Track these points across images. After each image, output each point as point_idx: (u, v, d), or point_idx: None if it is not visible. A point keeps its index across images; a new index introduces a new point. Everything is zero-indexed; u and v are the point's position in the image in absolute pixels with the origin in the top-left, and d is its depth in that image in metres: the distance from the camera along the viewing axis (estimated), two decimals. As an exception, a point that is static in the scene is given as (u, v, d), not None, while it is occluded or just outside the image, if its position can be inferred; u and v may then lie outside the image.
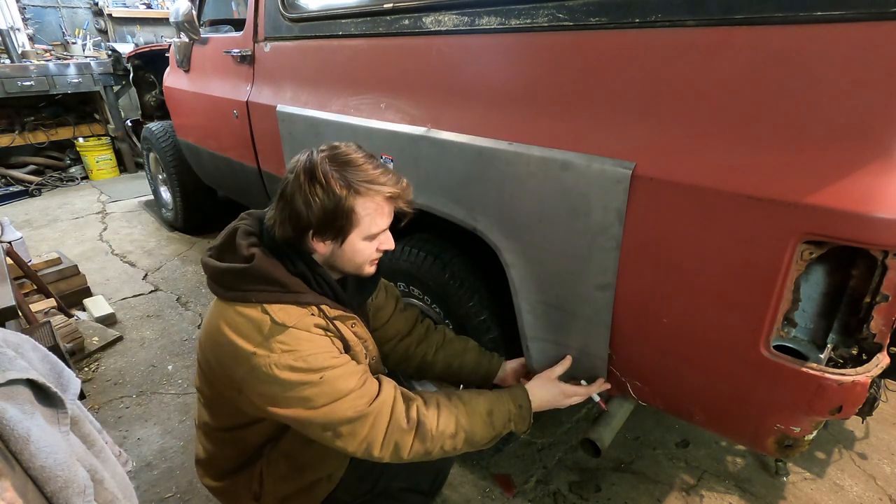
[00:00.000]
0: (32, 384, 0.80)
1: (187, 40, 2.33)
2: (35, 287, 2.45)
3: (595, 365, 1.09)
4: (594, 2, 0.88)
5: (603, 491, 1.55)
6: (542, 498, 1.53)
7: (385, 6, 1.28)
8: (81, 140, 4.99)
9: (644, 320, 0.95)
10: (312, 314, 0.93)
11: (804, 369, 0.77)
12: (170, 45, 2.76)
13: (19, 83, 4.32)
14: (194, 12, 2.11)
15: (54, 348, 1.70)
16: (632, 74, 0.86)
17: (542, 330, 1.14)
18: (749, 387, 0.86)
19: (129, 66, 3.95)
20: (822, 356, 0.81)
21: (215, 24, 3.11)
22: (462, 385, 1.27)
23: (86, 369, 2.19)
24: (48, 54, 4.98)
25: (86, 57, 4.99)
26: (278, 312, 0.89)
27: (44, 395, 0.82)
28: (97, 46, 5.34)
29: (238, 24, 2.94)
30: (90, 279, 2.85)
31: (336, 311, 0.98)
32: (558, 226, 0.98)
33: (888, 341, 0.78)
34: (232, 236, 0.96)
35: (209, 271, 0.95)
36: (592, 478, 1.59)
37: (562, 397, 1.10)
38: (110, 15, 5.58)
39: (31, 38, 5.11)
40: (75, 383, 0.93)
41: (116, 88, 4.96)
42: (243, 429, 1.02)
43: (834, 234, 0.68)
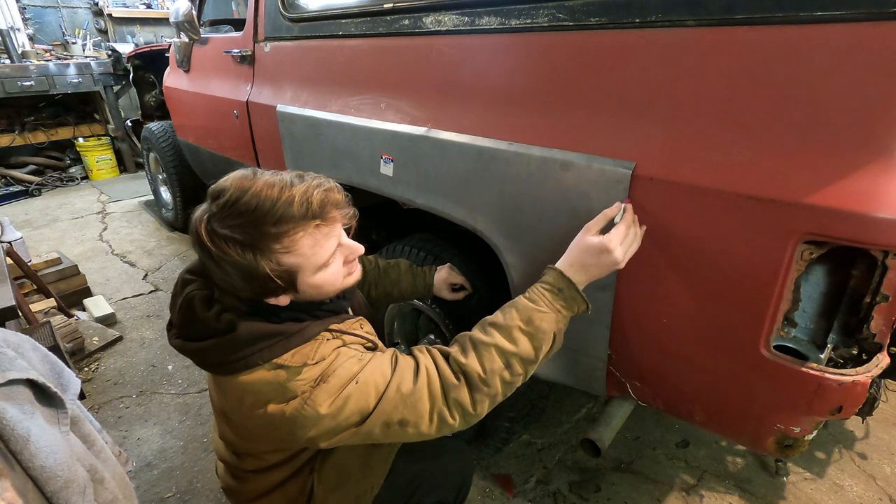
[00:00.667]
0: (32, 384, 0.80)
1: (187, 40, 2.33)
2: (35, 287, 2.45)
3: (594, 365, 1.09)
4: (594, 2, 0.88)
5: (603, 491, 1.55)
6: (542, 498, 1.53)
7: (385, 6, 1.28)
8: (81, 140, 4.99)
9: (644, 320, 0.95)
10: (327, 340, 0.86)
11: (804, 369, 0.77)
12: (170, 45, 2.76)
13: (19, 83, 4.32)
14: (194, 12, 2.11)
15: (54, 348, 1.70)
16: (632, 74, 0.86)
17: (542, 330, 1.14)
18: (749, 387, 0.86)
19: (129, 66, 3.95)
20: (822, 356, 0.81)
21: (215, 24, 3.10)
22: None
23: (86, 369, 2.19)
24: (48, 54, 4.98)
25: (86, 57, 4.99)
26: (293, 359, 0.80)
27: (44, 395, 0.82)
28: (97, 46, 5.34)
29: (238, 24, 2.94)
30: (90, 279, 2.85)
31: (345, 323, 0.92)
32: (558, 226, 0.98)
33: (888, 341, 0.78)
34: (191, 311, 0.83)
35: (191, 356, 0.84)
36: (592, 478, 1.59)
37: (603, 250, 0.83)
38: (110, 15, 5.58)
39: (31, 38, 5.12)
40: (75, 383, 0.93)
41: (116, 88, 4.96)
42: (290, 459, 0.96)
43: (834, 235, 0.68)
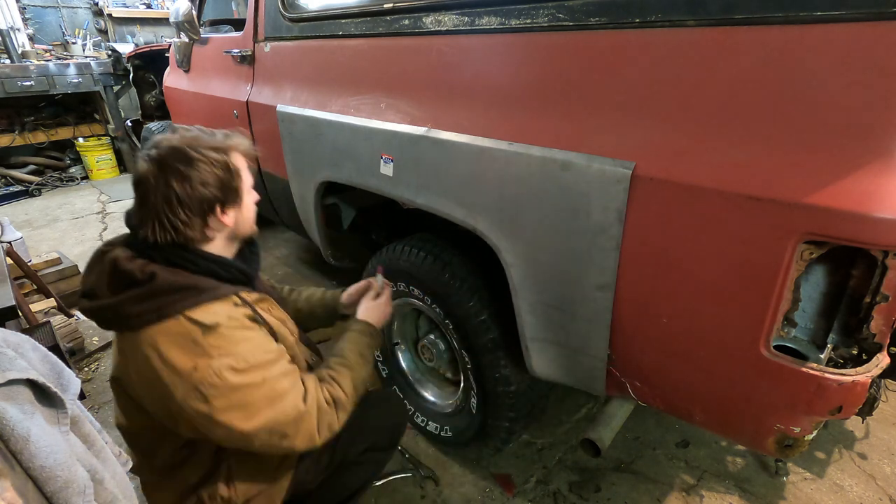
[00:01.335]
0: (32, 384, 0.80)
1: (187, 40, 2.33)
2: (35, 287, 2.45)
3: (594, 365, 1.09)
4: (594, 2, 0.88)
5: (603, 491, 1.55)
6: (542, 498, 1.53)
7: (385, 6, 1.28)
8: (81, 140, 4.99)
9: (644, 320, 0.95)
10: (236, 304, 0.94)
11: (804, 369, 0.77)
12: (170, 45, 2.76)
13: (19, 83, 4.32)
14: (194, 12, 2.11)
15: (54, 348, 1.70)
16: (632, 74, 0.86)
17: (542, 330, 1.14)
18: (749, 387, 0.86)
19: (129, 66, 3.95)
20: (822, 356, 0.81)
21: (215, 24, 3.10)
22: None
23: (86, 369, 2.19)
24: (48, 54, 4.98)
25: (86, 57, 4.99)
26: (203, 315, 0.87)
27: (44, 395, 0.82)
28: (97, 46, 5.34)
29: (238, 24, 2.94)
30: (90, 279, 2.85)
31: (254, 296, 1.00)
32: (558, 226, 0.98)
33: (888, 341, 0.78)
34: (114, 268, 0.88)
35: (104, 313, 0.88)
36: (592, 478, 1.59)
37: (384, 307, 1.25)
38: (110, 15, 5.58)
39: (31, 38, 5.11)
40: (75, 383, 0.92)
41: (116, 88, 4.96)
42: (197, 447, 0.99)
43: (834, 235, 0.68)
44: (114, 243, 0.95)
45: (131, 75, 3.98)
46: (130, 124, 4.24)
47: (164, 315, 0.85)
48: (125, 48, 4.41)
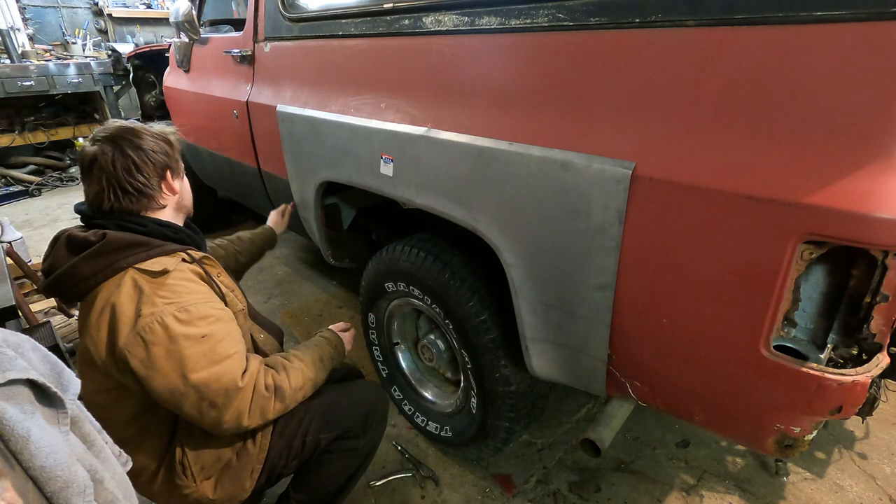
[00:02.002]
0: (32, 384, 0.80)
1: (187, 40, 2.33)
2: (35, 287, 2.45)
3: (594, 365, 1.09)
4: (594, 2, 0.88)
5: (603, 491, 1.55)
6: (542, 498, 1.53)
7: (385, 6, 1.28)
8: (81, 140, 4.99)
9: (644, 320, 0.95)
10: (185, 260, 1.00)
11: (804, 369, 0.77)
12: (170, 45, 2.76)
13: (19, 83, 4.32)
14: (194, 12, 2.11)
15: (54, 348, 1.70)
16: (632, 74, 0.86)
17: (542, 330, 1.14)
18: (749, 387, 0.86)
19: (129, 66, 3.95)
20: (822, 356, 0.81)
21: (215, 24, 3.10)
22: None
23: (86, 369, 2.19)
24: (48, 54, 4.98)
25: (86, 57, 4.99)
26: (153, 265, 0.93)
27: (44, 395, 0.82)
28: (97, 46, 5.34)
29: (238, 24, 2.94)
30: (90, 279, 2.85)
31: (201, 254, 1.07)
32: (558, 226, 0.98)
33: (888, 341, 0.78)
34: (69, 244, 0.96)
35: (62, 280, 0.92)
36: (592, 478, 1.59)
37: (350, 340, 1.33)
38: (110, 15, 5.58)
39: (31, 38, 5.12)
40: (75, 383, 0.92)
41: (116, 88, 4.97)
42: (147, 419, 1.03)
43: (834, 235, 0.68)
44: (66, 229, 1.02)
45: (131, 75, 3.98)
46: (130, 124, 4.23)
47: (116, 269, 0.91)
48: (125, 48, 4.42)
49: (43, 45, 5.14)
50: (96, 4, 5.56)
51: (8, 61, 4.46)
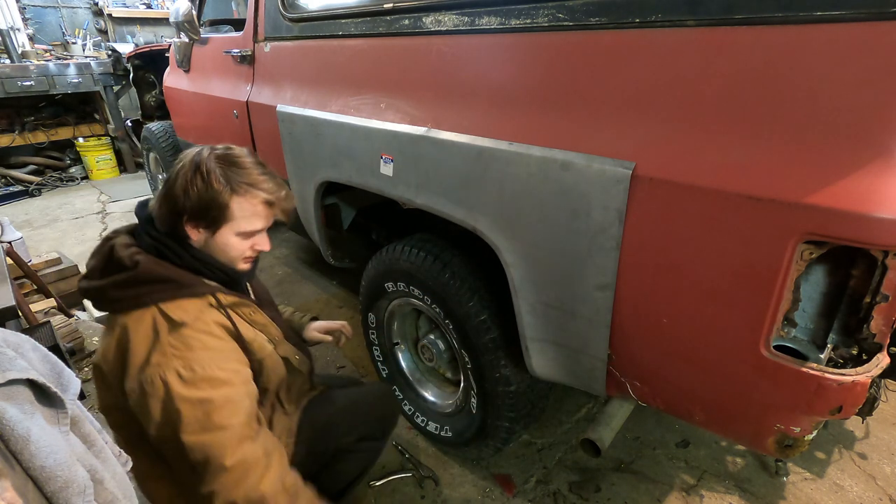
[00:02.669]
0: (32, 384, 0.80)
1: (187, 40, 2.33)
2: (35, 287, 2.45)
3: (594, 365, 1.09)
4: (594, 2, 0.88)
5: (603, 491, 1.55)
6: (542, 498, 1.53)
7: (385, 6, 1.28)
8: (81, 140, 4.99)
9: (644, 320, 0.95)
10: (211, 304, 0.96)
11: (804, 369, 0.77)
12: (170, 45, 2.76)
13: (19, 83, 4.32)
14: (194, 12, 2.11)
15: (54, 348, 1.70)
16: (632, 74, 0.86)
17: (542, 330, 1.14)
18: (749, 387, 0.86)
19: (129, 66, 3.95)
20: (822, 356, 0.81)
21: (215, 24, 3.10)
22: None
23: (86, 369, 2.19)
24: (48, 54, 4.98)
25: (86, 57, 4.99)
26: (175, 310, 0.90)
27: (44, 395, 0.82)
28: (97, 46, 5.34)
29: (238, 24, 2.94)
30: (90, 279, 2.85)
31: (231, 298, 1.00)
32: (558, 226, 0.98)
33: (888, 341, 0.78)
34: (110, 254, 0.93)
35: (92, 294, 0.92)
36: (592, 478, 1.59)
37: None
38: (110, 15, 5.58)
39: (31, 38, 5.12)
40: (75, 383, 0.92)
41: (116, 88, 4.97)
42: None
43: (834, 235, 0.68)
44: (119, 231, 1.01)
45: (131, 75, 3.98)
46: (130, 124, 4.23)
47: (140, 304, 0.90)
48: (125, 48, 4.41)
49: (43, 45, 5.14)
50: (96, 4, 5.56)
51: (8, 61, 4.46)
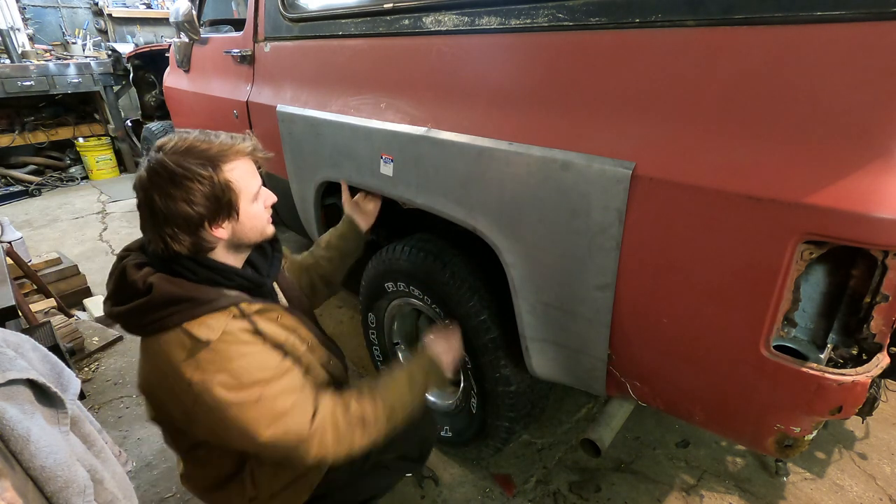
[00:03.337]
0: (32, 384, 0.80)
1: (187, 40, 2.33)
2: (35, 287, 2.45)
3: (594, 365, 1.09)
4: (594, 2, 0.88)
5: (603, 491, 1.55)
6: (542, 498, 1.53)
7: (385, 6, 1.28)
8: (81, 140, 4.99)
9: (644, 320, 0.95)
10: (235, 316, 0.91)
11: (804, 369, 0.77)
12: (170, 45, 2.76)
13: (19, 83, 4.32)
14: (194, 12, 2.11)
15: (54, 348, 1.70)
16: (632, 74, 0.86)
17: (542, 330, 1.14)
18: (749, 387, 0.86)
19: (129, 66, 3.95)
20: (822, 356, 0.81)
21: (215, 24, 3.11)
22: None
23: (86, 369, 2.19)
24: (48, 54, 4.98)
25: (86, 57, 4.99)
26: (198, 329, 0.86)
27: (44, 395, 0.82)
28: (97, 46, 5.34)
29: (238, 24, 2.94)
30: (90, 279, 2.85)
31: (255, 306, 0.95)
32: (558, 226, 0.98)
33: (888, 341, 0.78)
34: (123, 278, 0.90)
35: (117, 320, 0.90)
36: (592, 478, 1.59)
37: (457, 349, 1.23)
38: (110, 15, 5.58)
39: (31, 38, 5.12)
40: (75, 383, 0.93)
41: (116, 88, 4.97)
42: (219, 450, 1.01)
43: (834, 235, 0.68)
44: (131, 248, 0.96)
45: (131, 75, 3.99)
46: (130, 124, 4.24)
47: (165, 327, 0.86)
48: (125, 48, 4.41)
49: (43, 45, 5.14)
50: (96, 4, 5.56)
51: (8, 61, 4.46)
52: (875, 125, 0.65)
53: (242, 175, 0.92)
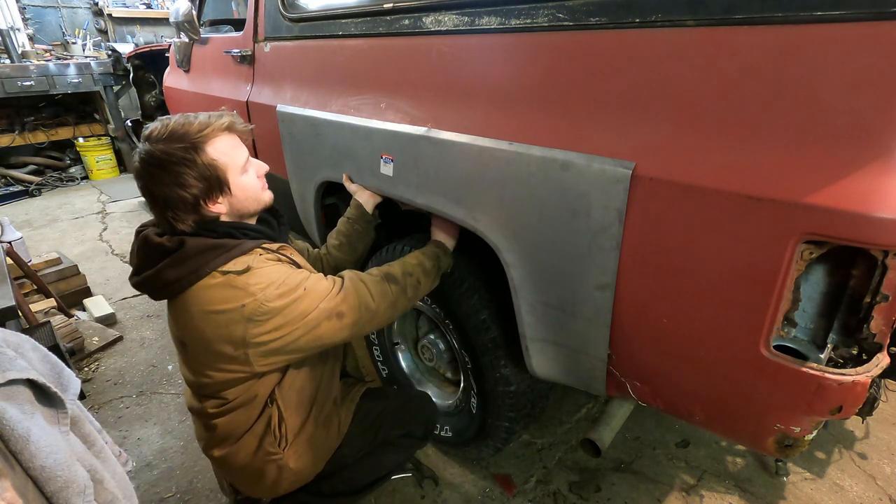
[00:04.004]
0: (32, 384, 0.80)
1: (187, 40, 2.33)
2: (35, 287, 2.45)
3: (594, 365, 1.09)
4: (594, 2, 0.88)
5: (603, 491, 1.55)
6: (542, 498, 1.54)
7: (385, 6, 1.27)
8: (81, 140, 4.99)
9: (644, 320, 0.95)
10: (260, 254, 1.01)
11: (804, 369, 0.77)
12: (170, 45, 2.76)
13: (19, 83, 4.32)
14: (194, 12, 2.11)
15: (54, 348, 1.71)
16: (632, 74, 0.86)
17: (542, 330, 1.14)
18: (749, 387, 0.86)
19: (129, 66, 3.95)
20: (822, 356, 0.81)
21: (215, 24, 3.11)
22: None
23: (86, 369, 2.19)
24: (48, 54, 4.98)
25: (86, 57, 4.99)
26: (234, 265, 0.96)
27: (44, 395, 0.82)
28: (97, 46, 5.34)
29: (238, 24, 2.94)
30: (90, 279, 2.85)
31: (276, 245, 1.08)
32: (558, 225, 0.98)
33: (888, 341, 0.78)
34: (147, 245, 0.98)
35: (150, 282, 0.97)
36: (592, 478, 1.59)
37: (453, 232, 1.32)
38: (110, 15, 5.58)
39: (31, 38, 5.12)
40: (75, 383, 0.93)
41: (116, 88, 4.97)
42: (252, 387, 1.07)
43: (834, 235, 0.68)
44: (147, 224, 1.05)
45: (131, 75, 3.99)
46: (130, 124, 4.24)
47: (201, 274, 0.94)
48: (125, 48, 4.41)
49: (43, 45, 5.14)
50: (96, 4, 5.56)
51: (8, 61, 4.46)
52: (875, 125, 0.65)
53: (225, 150, 0.98)
